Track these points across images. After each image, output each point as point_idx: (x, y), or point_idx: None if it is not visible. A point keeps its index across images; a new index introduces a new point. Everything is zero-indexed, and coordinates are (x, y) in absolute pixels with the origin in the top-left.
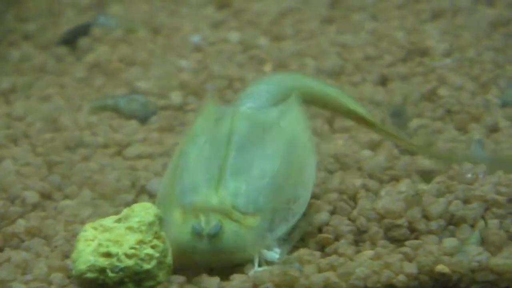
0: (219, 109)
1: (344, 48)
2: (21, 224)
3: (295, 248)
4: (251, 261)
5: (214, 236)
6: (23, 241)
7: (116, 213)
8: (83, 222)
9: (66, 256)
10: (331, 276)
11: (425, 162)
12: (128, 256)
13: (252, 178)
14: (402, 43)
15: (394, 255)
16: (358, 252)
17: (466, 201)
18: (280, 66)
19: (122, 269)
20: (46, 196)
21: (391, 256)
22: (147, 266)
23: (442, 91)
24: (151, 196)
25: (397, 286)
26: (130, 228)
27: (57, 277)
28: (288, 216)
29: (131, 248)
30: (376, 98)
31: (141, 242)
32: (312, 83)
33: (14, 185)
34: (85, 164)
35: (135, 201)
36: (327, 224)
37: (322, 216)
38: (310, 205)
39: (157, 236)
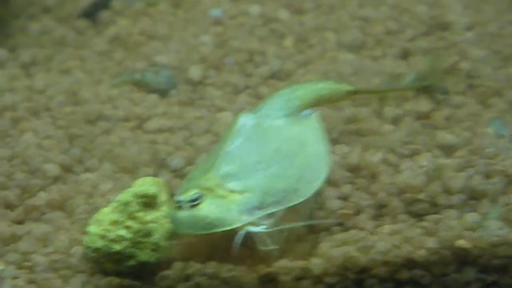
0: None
1: (365, 22)
2: (42, 197)
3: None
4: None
5: (193, 203)
6: (44, 213)
7: None
8: (103, 195)
9: None
10: (351, 250)
11: (446, 136)
12: (100, 236)
13: (246, 164)
14: (424, 17)
15: (415, 229)
16: (378, 226)
17: (487, 176)
18: (301, 40)
19: (94, 250)
20: (67, 169)
21: (411, 231)
22: (117, 247)
23: (464, 65)
24: (171, 170)
25: (417, 260)
26: (112, 207)
27: (77, 249)
28: (280, 202)
29: (104, 229)
30: (397, 72)
31: (115, 223)
32: (330, 88)
33: (35, 158)
34: (106, 137)
35: (155, 174)
36: (346, 198)
37: (333, 203)
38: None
39: (132, 217)
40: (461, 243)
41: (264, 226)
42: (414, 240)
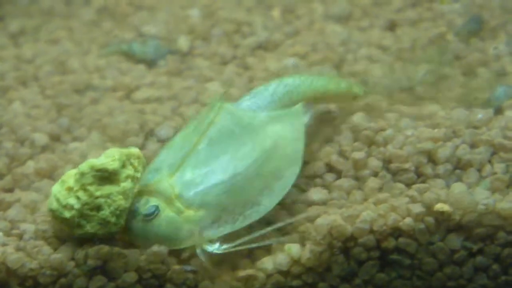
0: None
1: None
2: (30, 166)
3: None
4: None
5: (147, 217)
6: (32, 182)
7: None
8: None
9: None
10: (337, 219)
11: (432, 107)
12: (56, 199)
13: (211, 173)
14: None
15: (401, 198)
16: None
17: (473, 146)
18: (288, 11)
19: (50, 210)
20: (55, 138)
21: (397, 200)
22: (66, 214)
23: (451, 36)
24: (159, 140)
25: (403, 229)
26: (75, 172)
27: None
28: (237, 220)
29: (60, 192)
30: (384, 43)
31: (70, 190)
32: (318, 83)
33: (24, 127)
34: (94, 107)
35: (143, 144)
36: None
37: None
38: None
39: (83, 188)
40: (441, 207)
41: (218, 245)
42: (400, 208)
